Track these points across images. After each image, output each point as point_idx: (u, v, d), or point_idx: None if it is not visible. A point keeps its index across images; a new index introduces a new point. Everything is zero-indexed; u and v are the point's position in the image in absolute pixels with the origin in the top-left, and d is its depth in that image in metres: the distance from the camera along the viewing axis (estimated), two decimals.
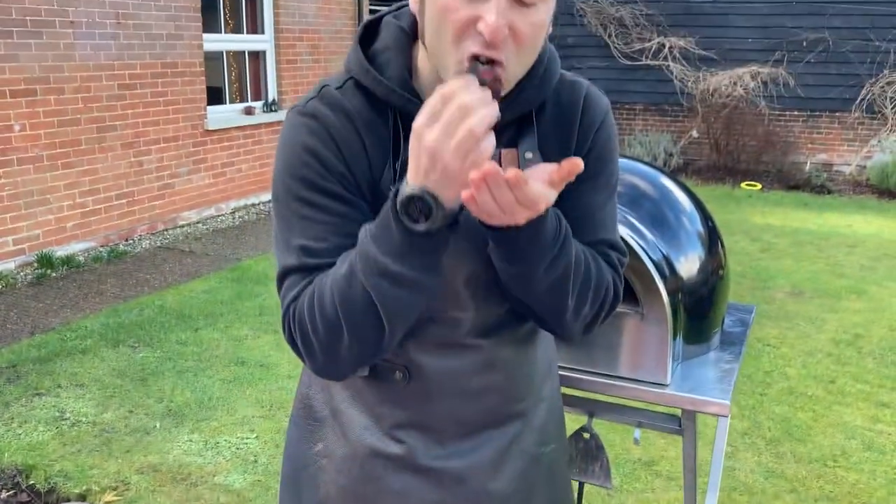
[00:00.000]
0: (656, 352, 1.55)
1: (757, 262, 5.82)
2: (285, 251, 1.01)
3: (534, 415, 1.21)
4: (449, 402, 1.11)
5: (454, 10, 0.88)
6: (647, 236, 1.58)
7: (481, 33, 0.87)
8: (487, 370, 1.12)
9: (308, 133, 1.00)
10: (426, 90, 0.99)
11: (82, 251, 5.78)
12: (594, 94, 1.09)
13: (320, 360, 0.99)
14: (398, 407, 1.12)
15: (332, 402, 1.18)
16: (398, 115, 1.01)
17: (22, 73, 5.21)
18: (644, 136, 9.74)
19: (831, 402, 3.62)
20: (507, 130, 1.03)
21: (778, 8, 9.24)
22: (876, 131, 9.14)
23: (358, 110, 1.01)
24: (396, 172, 0.99)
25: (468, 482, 1.14)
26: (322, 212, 0.99)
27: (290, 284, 1.01)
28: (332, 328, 0.95)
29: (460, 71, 0.86)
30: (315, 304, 0.96)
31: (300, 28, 7.90)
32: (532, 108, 1.04)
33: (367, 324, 0.94)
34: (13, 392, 3.57)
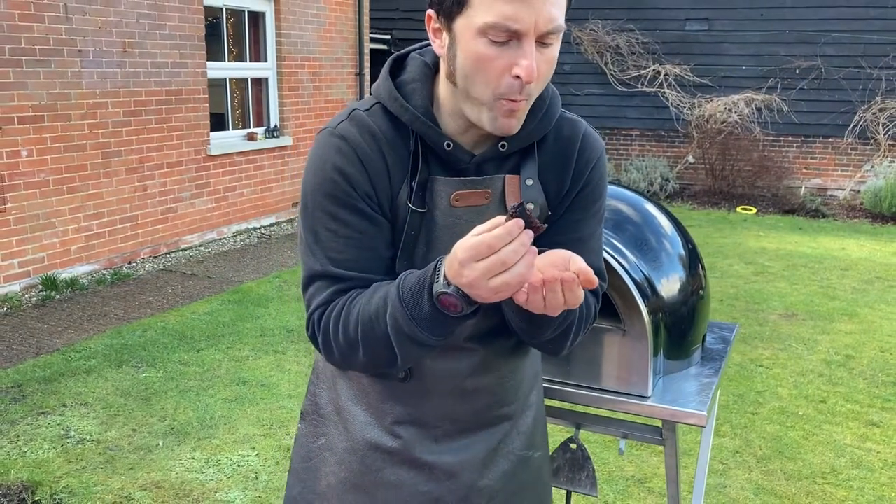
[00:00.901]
0: (638, 367, 1.63)
1: (751, 285, 5.91)
2: (312, 258, 1.14)
3: (522, 420, 1.32)
4: (445, 401, 1.23)
5: (492, 59, 1.01)
6: (630, 258, 1.67)
7: (517, 76, 1.01)
8: (481, 373, 1.23)
9: (337, 153, 1.12)
10: (444, 118, 1.14)
11: (86, 274, 5.87)
12: (591, 135, 1.23)
13: (336, 361, 1.15)
14: (398, 403, 1.23)
15: (338, 399, 1.29)
16: (419, 138, 1.13)
17: (30, 100, 5.35)
18: (640, 161, 9.87)
19: (822, 421, 3.69)
20: (512, 158, 1.17)
21: (771, 36, 9.42)
22: (869, 156, 9.28)
23: (383, 131, 1.13)
24: (412, 190, 1.12)
25: (459, 477, 1.25)
26: (346, 226, 1.11)
27: (315, 289, 1.14)
28: (352, 346, 1.10)
29: (510, 213, 0.94)
30: (340, 325, 1.10)
31: (301, 56, 8.06)
32: (535, 141, 1.17)
33: (384, 355, 1.09)
34: (19, 411, 3.64)
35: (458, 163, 1.14)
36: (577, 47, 10.18)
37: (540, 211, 1.17)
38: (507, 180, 1.16)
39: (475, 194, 1.15)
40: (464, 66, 1.05)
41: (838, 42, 9.16)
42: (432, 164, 1.14)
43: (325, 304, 1.13)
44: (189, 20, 6.59)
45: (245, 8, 7.42)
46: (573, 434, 1.80)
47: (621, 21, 9.95)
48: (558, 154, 1.19)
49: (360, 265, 1.12)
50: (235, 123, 7.61)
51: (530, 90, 1.05)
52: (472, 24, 1.01)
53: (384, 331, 1.05)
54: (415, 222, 1.13)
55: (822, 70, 9.27)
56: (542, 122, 1.17)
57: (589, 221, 1.22)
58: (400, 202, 1.13)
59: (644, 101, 10.03)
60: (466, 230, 1.07)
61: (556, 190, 1.19)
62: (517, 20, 0.98)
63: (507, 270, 0.91)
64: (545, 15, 0.99)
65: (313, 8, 8.17)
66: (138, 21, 6.12)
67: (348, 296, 1.11)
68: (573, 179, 1.19)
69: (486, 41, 1.01)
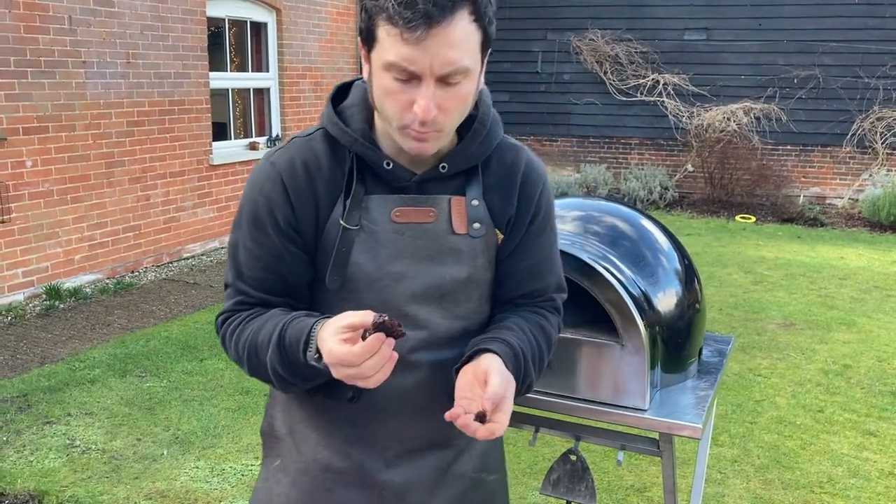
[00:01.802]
0: (636, 380, 1.67)
1: (750, 295, 5.95)
2: (228, 268, 1.27)
3: (474, 442, 1.34)
4: (395, 421, 1.26)
5: (396, 93, 1.09)
6: (627, 273, 1.71)
7: (416, 112, 1.08)
8: (430, 390, 1.25)
9: (266, 179, 1.21)
10: (382, 140, 1.22)
11: (89, 283, 5.91)
12: (534, 161, 1.31)
13: (233, 360, 1.27)
14: (348, 424, 1.27)
15: (291, 421, 1.33)
16: (355, 159, 1.21)
17: (35, 111, 5.40)
18: (640, 169, 9.93)
19: (819, 430, 3.72)
20: (456, 179, 1.24)
21: (769, 46, 9.48)
22: (867, 165, 9.33)
23: (318, 156, 1.21)
24: (346, 207, 1.19)
25: (408, 498, 1.28)
26: (259, 247, 1.22)
27: (226, 296, 1.28)
28: (240, 360, 1.24)
29: (375, 323, 1.04)
30: (233, 338, 1.23)
31: (303, 66, 8.12)
32: (478, 163, 1.24)
33: (265, 378, 1.21)
34: (24, 420, 3.68)
35: (399, 181, 1.21)
36: (577, 57, 10.25)
37: (487, 230, 1.24)
38: (452, 201, 1.22)
39: (418, 212, 1.21)
40: (377, 95, 1.13)
41: (836, 52, 9.23)
42: (370, 184, 1.21)
43: (229, 313, 1.26)
44: (192, 31, 6.65)
45: (247, 18, 7.48)
46: (573, 446, 1.84)
47: (620, 31, 10.02)
48: (502, 178, 1.26)
49: (264, 285, 1.22)
50: (237, 133, 7.67)
51: (438, 124, 1.11)
52: (380, 58, 1.09)
53: (265, 362, 1.17)
54: (347, 238, 1.19)
55: (820, 79, 9.34)
56: (482, 146, 1.24)
57: (544, 244, 1.31)
58: (332, 221, 1.20)
59: (643, 110, 10.09)
60: (409, 245, 1.20)
61: (500, 211, 1.26)
62: (413, 63, 1.05)
63: (368, 378, 1.04)
64: (440, 59, 1.05)
65: (314, 18, 8.24)
66: (142, 32, 6.18)
67: (250, 312, 1.23)
68: (520, 204, 1.27)
69: (390, 76, 1.09)
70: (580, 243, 1.77)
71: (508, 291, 1.30)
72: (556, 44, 10.34)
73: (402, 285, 1.20)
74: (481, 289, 1.27)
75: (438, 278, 1.21)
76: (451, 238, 1.22)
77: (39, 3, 5.36)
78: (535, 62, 10.47)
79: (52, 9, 5.45)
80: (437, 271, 1.21)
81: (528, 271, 1.29)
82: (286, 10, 7.76)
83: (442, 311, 1.23)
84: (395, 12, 1.03)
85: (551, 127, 10.56)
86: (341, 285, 1.20)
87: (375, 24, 1.08)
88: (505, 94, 10.63)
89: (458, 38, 1.05)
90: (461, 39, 1.06)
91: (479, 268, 1.24)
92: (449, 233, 1.22)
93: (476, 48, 1.09)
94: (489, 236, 1.24)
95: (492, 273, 1.28)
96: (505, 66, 10.60)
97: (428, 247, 1.21)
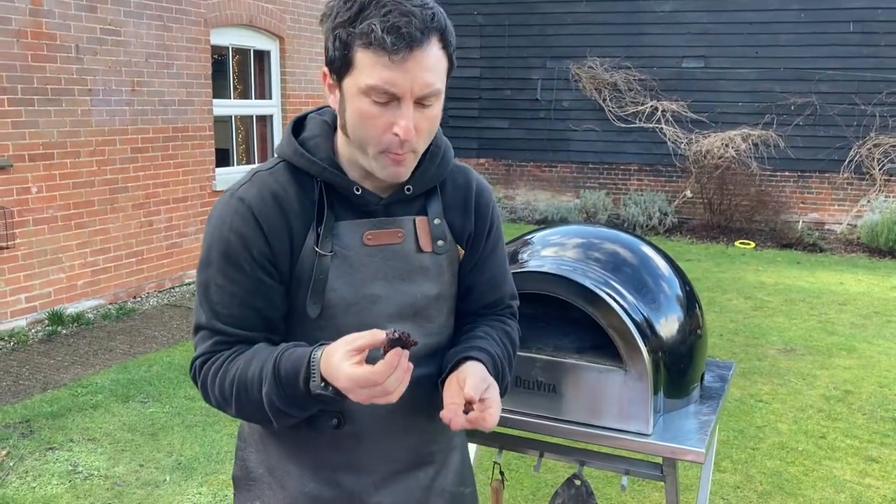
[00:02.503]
0: (639, 405, 1.69)
1: (750, 320, 5.96)
2: (200, 310, 1.25)
3: (450, 457, 1.41)
4: (379, 441, 1.30)
5: (375, 117, 1.15)
6: (629, 299, 1.74)
7: (397, 134, 1.14)
8: (410, 408, 1.29)
9: (235, 214, 1.22)
10: (347, 167, 1.26)
11: (92, 308, 5.93)
12: (481, 180, 1.41)
13: (214, 406, 1.27)
14: (336, 451, 1.29)
15: (268, 460, 1.34)
16: (323, 188, 1.24)
17: (41, 138, 5.46)
18: (639, 195, 9.99)
19: (822, 456, 3.72)
20: (417, 201, 1.31)
21: (766, 73, 9.60)
22: (865, 191, 9.40)
23: (285, 188, 1.24)
24: (319, 235, 1.23)
25: None
26: (233, 284, 1.22)
27: (200, 338, 1.25)
28: (226, 401, 1.22)
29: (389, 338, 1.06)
30: (217, 379, 1.21)
31: (306, 93, 8.21)
32: (436, 184, 1.32)
33: (256, 416, 1.21)
34: (27, 446, 3.68)
35: (367, 205, 1.26)
36: (576, 84, 10.36)
37: (450, 247, 1.31)
38: (417, 221, 1.29)
39: (387, 234, 1.27)
40: (352, 120, 1.17)
41: (832, 79, 9.34)
42: (339, 211, 1.25)
43: (207, 354, 1.24)
44: (196, 59, 6.74)
45: (251, 47, 7.58)
46: (577, 470, 1.85)
47: (619, 58, 10.14)
48: (457, 197, 1.35)
49: (241, 322, 1.22)
50: (240, 159, 7.73)
51: (413, 145, 1.17)
52: (357, 83, 1.14)
53: (257, 398, 1.17)
54: (323, 265, 1.22)
55: (816, 106, 9.43)
56: (440, 167, 1.31)
57: (499, 256, 1.41)
58: (306, 250, 1.22)
59: (642, 137, 10.18)
60: (382, 266, 1.25)
61: (460, 228, 1.34)
62: (395, 85, 1.12)
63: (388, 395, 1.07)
64: (420, 81, 1.13)
65: (317, 47, 8.34)
66: (147, 60, 6.26)
67: (231, 351, 1.22)
68: (477, 221, 1.36)
69: (369, 100, 1.14)
70: (582, 269, 1.80)
71: (472, 303, 1.39)
72: (556, 71, 10.46)
73: (378, 307, 1.25)
74: (449, 303, 1.34)
75: (411, 297, 1.27)
76: (419, 256, 1.28)
77: (47, 32, 5.44)
78: (535, 89, 10.58)
79: (59, 38, 5.53)
80: (409, 290, 1.27)
81: (488, 283, 1.38)
82: (289, 39, 7.87)
83: (417, 329, 1.28)
84: (381, 37, 1.09)
85: (551, 153, 10.65)
86: (320, 312, 1.23)
87: (352, 51, 1.13)
88: (505, 120, 10.73)
89: (433, 62, 1.14)
90: (435, 63, 1.14)
91: (445, 283, 1.31)
92: (416, 251, 1.28)
93: (444, 73, 1.18)
94: (452, 252, 1.32)
95: (455, 288, 1.35)
96: (505, 94, 10.71)
97: (399, 267, 1.27)
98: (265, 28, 7.56)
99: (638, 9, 10.02)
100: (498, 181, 10.96)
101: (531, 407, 1.80)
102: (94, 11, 5.78)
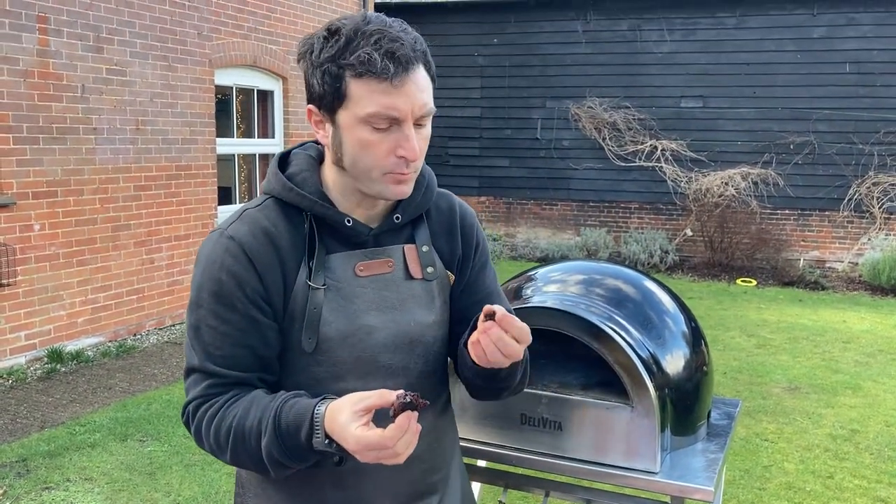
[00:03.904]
0: (646, 442, 1.67)
1: (753, 358, 5.92)
2: (191, 352, 1.22)
3: (452, 487, 1.40)
4: (381, 474, 1.27)
5: (377, 143, 1.17)
6: (635, 335, 1.73)
7: (402, 157, 1.17)
8: None
9: (225, 253, 1.20)
10: (337, 199, 1.26)
11: (91, 346, 5.90)
12: (463, 203, 1.43)
13: (206, 451, 1.24)
14: (338, 488, 1.27)
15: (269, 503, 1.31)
16: (313, 220, 1.25)
17: (45, 175, 5.49)
18: (640, 233, 10.01)
19: (830, 497, 3.66)
20: (405, 230, 1.32)
21: (764, 113, 9.69)
22: (865, 229, 9.41)
23: (275, 224, 1.23)
24: (311, 269, 1.22)
25: None
26: (226, 324, 1.20)
27: (192, 382, 1.23)
28: (221, 449, 1.19)
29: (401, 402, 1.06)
30: (213, 426, 1.19)
31: (308, 133, 8.28)
32: (422, 212, 1.34)
33: (251, 465, 1.19)
34: (23, 486, 3.62)
35: (358, 237, 1.27)
36: (576, 123, 10.46)
37: (439, 273, 1.32)
38: (405, 250, 1.30)
39: (378, 263, 1.27)
40: (352, 151, 1.19)
41: (830, 119, 9.43)
42: (329, 243, 1.25)
43: (201, 398, 1.21)
44: (200, 98, 6.81)
45: (254, 87, 7.68)
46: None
47: (618, 98, 10.25)
48: (442, 223, 1.36)
49: (235, 362, 1.20)
50: (242, 197, 7.77)
51: (416, 165, 1.21)
52: (354, 114, 1.16)
53: (255, 448, 1.15)
54: (316, 299, 1.22)
55: (815, 145, 9.51)
56: (426, 195, 1.33)
57: (489, 276, 1.42)
58: (299, 284, 1.22)
59: (642, 175, 10.24)
60: (375, 297, 1.25)
61: (448, 253, 1.36)
62: (396, 108, 1.15)
63: (398, 457, 1.05)
64: (419, 102, 1.17)
65: None
66: (151, 100, 6.33)
67: (227, 397, 1.20)
68: (464, 243, 1.38)
69: (369, 128, 1.16)
70: (586, 304, 1.79)
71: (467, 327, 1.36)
72: (556, 111, 10.57)
73: (373, 337, 1.24)
74: (443, 329, 1.34)
75: (405, 325, 1.27)
76: (410, 284, 1.29)
77: (54, 72, 5.52)
78: (535, 129, 10.68)
79: (66, 78, 5.60)
80: (403, 319, 1.27)
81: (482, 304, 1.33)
82: (292, 79, 7.97)
83: (413, 357, 1.28)
84: (381, 64, 1.12)
85: (551, 191, 10.70)
86: (315, 346, 1.22)
87: (345, 83, 1.15)
88: (505, 159, 10.81)
89: (424, 83, 1.18)
90: (426, 84, 1.19)
91: (437, 310, 1.31)
92: (407, 279, 1.29)
93: (432, 93, 1.22)
94: (442, 279, 1.33)
95: (448, 314, 1.35)
96: (506, 133, 10.80)
97: (391, 296, 1.27)
98: (268, 68, 7.66)
99: (636, 50, 10.16)
100: (499, 219, 10.99)
101: (536, 444, 1.78)
102: (101, 52, 5.87)
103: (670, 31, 9.98)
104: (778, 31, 9.55)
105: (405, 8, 10.84)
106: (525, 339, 1.14)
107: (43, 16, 5.42)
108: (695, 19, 9.88)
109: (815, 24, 9.43)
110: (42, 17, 5.41)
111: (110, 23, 5.93)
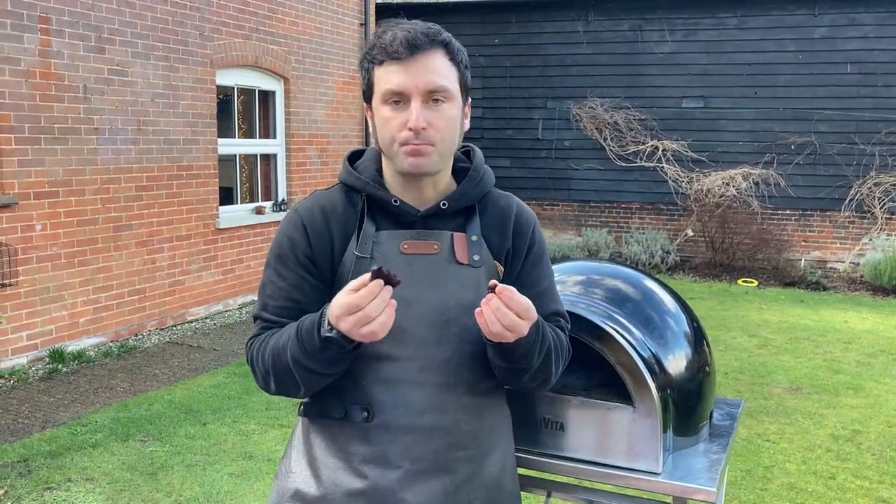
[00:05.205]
0: (648, 443, 1.67)
1: (755, 358, 5.92)
2: (258, 301, 1.46)
3: (484, 470, 1.43)
4: (405, 438, 1.37)
5: (392, 118, 1.34)
6: (637, 335, 1.73)
7: (410, 129, 1.32)
8: (437, 409, 1.38)
9: (289, 223, 1.44)
10: (389, 184, 1.43)
11: (93, 346, 5.90)
12: (524, 206, 1.54)
13: (262, 386, 1.43)
14: (364, 443, 1.38)
15: (312, 450, 1.45)
16: (366, 201, 1.42)
17: (47, 176, 5.49)
18: (641, 234, 10.00)
19: (832, 497, 3.66)
20: (458, 217, 1.44)
21: (765, 113, 9.69)
22: (867, 229, 9.41)
23: (333, 202, 1.44)
24: (359, 240, 1.40)
25: None
26: (282, 279, 1.42)
27: (254, 326, 1.46)
28: (267, 373, 1.38)
29: (374, 273, 1.21)
30: (260, 354, 1.39)
31: (310, 133, 8.29)
32: (475, 203, 1.45)
33: (289, 382, 1.36)
34: (25, 486, 3.63)
35: (406, 216, 1.41)
36: (577, 124, 10.46)
37: (486, 262, 1.42)
38: (455, 236, 1.41)
39: (424, 244, 1.40)
40: (378, 130, 1.38)
41: (831, 119, 9.42)
42: (380, 221, 1.41)
43: (255, 337, 1.43)
44: (202, 99, 6.82)
45: (255, 87, 7.68)
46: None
47: (619, 98, 10.25)
48: (496, 217, 1.47)
49: (285, 312, 1.40)
50: (244, 197, 7.77)
51: (430, 138, 1.33)
52: (378, 97, 1.36)
53: (287, 361, 1.32)
54: (360, 267, 1.35)
55: (816, 146, 9.50)
56: (476, 188, 1.45)
57: (544, 274, 1.50)
58: (348, 254, 1.39)
59: (643, 176, 10.24)
60: (419, 273, 1.37)
61: (498, 245, 1.45)
62: (401, 85, 1.32)
63: (372, 321, 1.20)
64: (424, 80, 1.32)
65: (321, 87, 8.44)
66: (153, 100, 6.34)
67: (270, 332, 1.41)
68: (515, 238, 1.47)
69: (387, 107, 1.34)
70: (586, 304, 1.79)
71: None
72: (557, 111, 10.56)
73: (411, 310, 1.35)
74: None
75: (444, 304, 1.37)
76: (455, 267, 1.40)
77: (56, 72, 5.52)
78: (536, 129, 10.68)
79: (67, 78, 5.61)
80: (442, 297, 1.37)
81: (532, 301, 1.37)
82: (294, 80, 7.97)
83: (448, 335, 1.37)
84: (390, 49, 1.32)
85: (552, 192, 10.70)
86: None
87: (372, 74, 1.36)
88: (507, 159, 10.81)
89: (437, 66, 1.33)
90: (440, 67, 1.34)
91: (481, 295, 1.35)
92: (452, 262, 1.39)
93: (455, 81, 1.36)
94: (490, 267, 1.42)
95: None
96: (507, 133, 10.80)
97: (434, 275, 1.38)
98: (270, 69, 7.66)
99: (637, 50, 10.16)
100: None
101: (538, 445, 1.77)
102: (103, 52, 5.87)
103: (671, 32, 9.98)
104: (779, 31, 9.55)
105: (407, 8, 10.83)
106: (525, 314, 1.25)
107: (44, 16, 5.42)
108: (696, 19, 9.88)
109: (816, 25, 9.43)
110: (44, 17, 5.41)
111: (112, 23, 5.94)
